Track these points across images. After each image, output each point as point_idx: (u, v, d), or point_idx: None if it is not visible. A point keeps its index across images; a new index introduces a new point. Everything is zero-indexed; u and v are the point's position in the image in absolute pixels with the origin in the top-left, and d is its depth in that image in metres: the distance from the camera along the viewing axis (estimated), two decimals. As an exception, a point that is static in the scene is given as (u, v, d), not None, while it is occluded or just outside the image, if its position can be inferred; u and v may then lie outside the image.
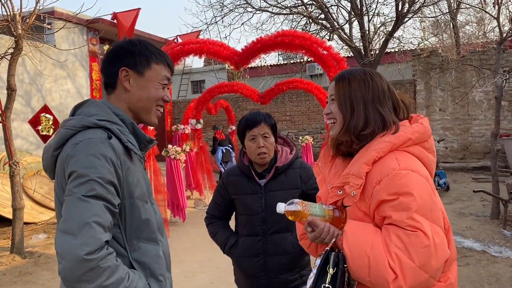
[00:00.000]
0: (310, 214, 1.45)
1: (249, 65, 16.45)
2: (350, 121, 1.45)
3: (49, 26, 10.66)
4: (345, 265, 1.34)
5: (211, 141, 14.57)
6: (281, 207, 1.49)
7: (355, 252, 1.32)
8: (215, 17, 12.71)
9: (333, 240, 1.40)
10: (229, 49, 5.55)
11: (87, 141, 1.25)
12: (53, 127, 10.85)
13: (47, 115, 10.27)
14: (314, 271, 1.40)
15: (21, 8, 5.07)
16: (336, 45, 12.41)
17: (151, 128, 5.74)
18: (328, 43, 6.12)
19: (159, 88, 1.46)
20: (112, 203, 1.23)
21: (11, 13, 5.03)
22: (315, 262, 1.42)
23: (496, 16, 6.41)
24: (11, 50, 5.14)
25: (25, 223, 7.16)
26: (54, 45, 10.51)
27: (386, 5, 11.65)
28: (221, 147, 10.85)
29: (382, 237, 1.31)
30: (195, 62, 27.12)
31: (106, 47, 12.62)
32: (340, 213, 1.47)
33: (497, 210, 6.35)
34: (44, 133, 10.50)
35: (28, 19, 5.18)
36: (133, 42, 1.47)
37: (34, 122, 10.25)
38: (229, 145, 11.18)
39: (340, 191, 1.45)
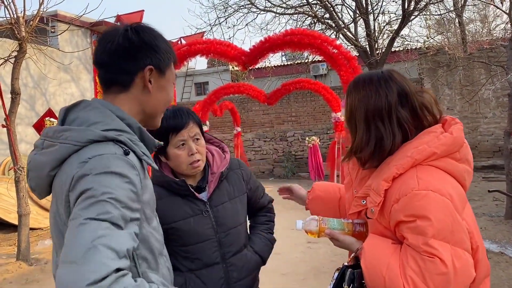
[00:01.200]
0: (327, 227, 1.44)
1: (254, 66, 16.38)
2: (355, 140, 1.40)
3: (52, 30, 10.62)
4: (362, 281, 1.32)
5: (216, 143, 14.50)
6: (299, 225, 1.48)
7: (371, 271, 1.29)
8: (218, 18, 12.62)
9: (352, 255, 1.39)
10: (237, 49, 5.44)
11: (98, 158, 1.02)
12: (57, 131, 10.81)
13: (52, 119, 10.21)
14: (330, 286, 1.39)
15: (24, 10, 4.99)
16: (342, 44, 12.30)
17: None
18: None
19: (172, 90, 1.30)
20: (125, 234, 0.97)
21: (15, 15, 4.94)
22: (333, 275, 1.41)
23: (508, 11, 6.27)
24: (15, 54, 5.05)
25: (31, 229, 7.07)
26: (58, 48, 10.44)
27: (395, 1, 11.42)
28: None
29: (400, 256, 1.27)
30: (198, 63, 27.08)
31: (109, 50, 12.55)
32: (361, 227, 1.45)
33: (511, 210, 6.22)
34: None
35: (31, 22, 5.09)
36: (154, 35, 1.22)
37: (39, 126, 10.16)
38: None
39: (363, 201, 1.40)
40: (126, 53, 1.18)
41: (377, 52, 11.64)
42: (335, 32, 11.16)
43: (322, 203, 1.78)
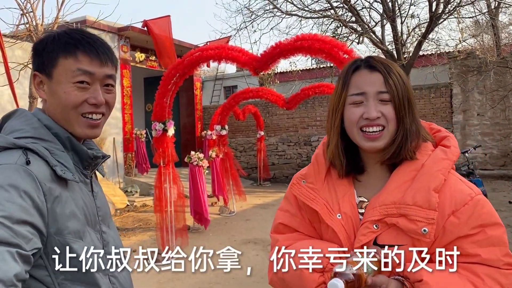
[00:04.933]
0: (367, 273, 1.06)
1: (280, 70, 16.26)
2: (410, 128, 1.14)
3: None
4: None
5: (242, 146, 14.55)
6: (339, 285, 1.00)
7: None
8: (244, 22, 12.66)
9: None
10: (248, 54, 5.44)
11: None
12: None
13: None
14: None
15: (42, 18, 5.17)
16: (366, 49, 12.06)
17: (171, 134, 5.70)
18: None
19: (72, 91, 1.12)
20: (22, 248, 0.91)
21: (34, 22, 5.13)
22: None
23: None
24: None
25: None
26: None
27: (418, 4, 11.18)
28: None
29: (466, 282, 1.06)
30: (228, 67, 27.35)
31: (137, 53, 12.86)
32: (378, 257, 1.11)
33: (537, 223, 5.92)
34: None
35: (50, 29, 5.27)
36: (44, 37, 1.17)
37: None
38: None
39: (376, 226, 1.13)
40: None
41: (405, 56, 11.36)
42: (358, 36, 10.99)
43: None
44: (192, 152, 7.08)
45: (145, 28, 11.55)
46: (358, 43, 11.03)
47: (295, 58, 13.96)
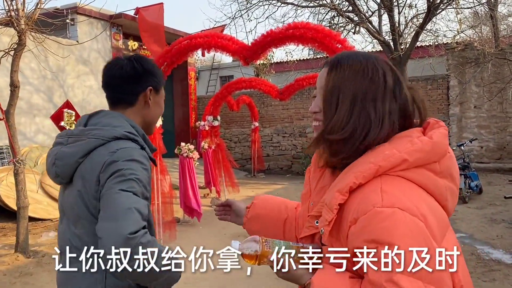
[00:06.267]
0: (272, 251, 1.11)
1: (275, 60, 16.00)
2: (331, 121, 1.08)
3: (72, 22, 10.73)
4: None
5: (236, 137, 14.38)
6: (235, 247, 1.16)
7: None
8: (240, 10, 12.42)
9: None
10: (238, 43, 5.26)
11: (125, 149, 1.40)
12: (75, 123, 10.93)
13: (70, 111, 10.36)
14: None
15: (24, 3, 4.96)
16: (362, 39, 11.87)
17: (158, 125, 5.55)
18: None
19: (163, 104, 1.68)
20: (145, 203, 1.36)
21: (14, 7, 4.93)
22: None
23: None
24: (15, 46, 5.04)
25: (41, 220, 7.19)
26: (77, 41, 10.56)
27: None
28: None
29: None
30: (224, 57, 27.17)
31: (130, 42, 12.62)
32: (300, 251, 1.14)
33: (532, 218, 5.81)
34: (68, 128, 10.61)
35: (34, 14, 5.07)
36: (152, 63, 1.62)
37: (57, 117, 10.31)
38: None
39: (317, 222, 1.11)
40: (133, 78, 1.55)
41: (402, 46, 11.17)
42: (354, 26, 10.78)
43: (262, 223, 1.48)
44: (182, 144, 6.92)
45: (137, 16, 11.30)
46: (354, 33, 10.84)
47: (291, 48, 13.73)
